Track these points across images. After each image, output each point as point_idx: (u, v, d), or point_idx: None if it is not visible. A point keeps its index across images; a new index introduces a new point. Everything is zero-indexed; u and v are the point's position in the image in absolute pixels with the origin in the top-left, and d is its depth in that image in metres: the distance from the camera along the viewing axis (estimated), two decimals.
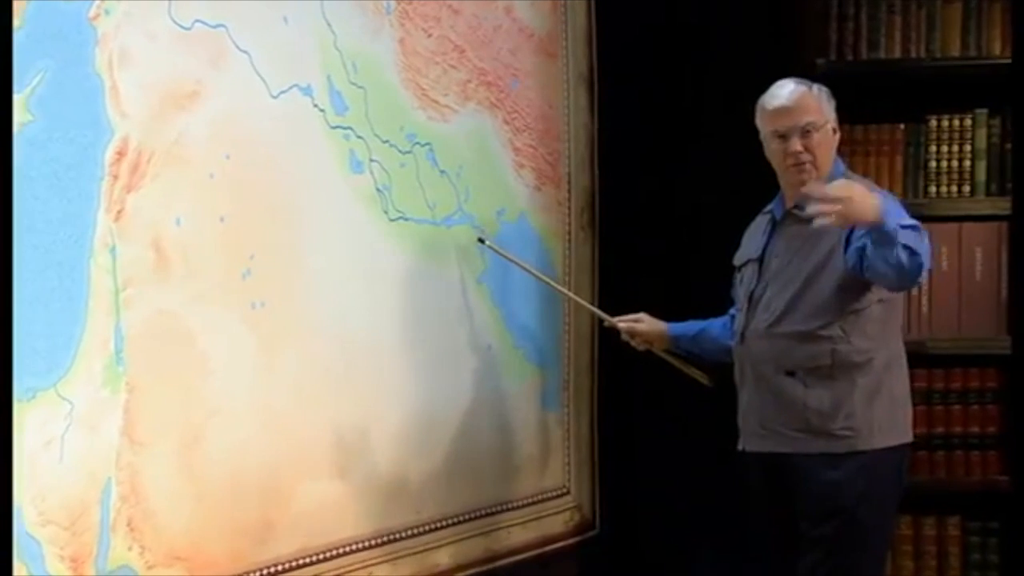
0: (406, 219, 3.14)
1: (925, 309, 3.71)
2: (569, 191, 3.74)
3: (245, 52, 2.70)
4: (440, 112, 3.23)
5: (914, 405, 3.15)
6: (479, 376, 3.39)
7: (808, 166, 3.00)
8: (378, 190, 3.06)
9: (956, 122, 3.72)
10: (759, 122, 3.07)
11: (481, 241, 3.24)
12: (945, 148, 3.73)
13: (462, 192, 3.30)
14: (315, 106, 2.88)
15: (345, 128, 2.96)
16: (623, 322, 3.30)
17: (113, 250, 2.41)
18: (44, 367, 2.28)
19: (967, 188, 3.72)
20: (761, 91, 3.11)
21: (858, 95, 3.52)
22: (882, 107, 3.74)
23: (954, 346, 3.70)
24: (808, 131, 2.98)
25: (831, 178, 2.97)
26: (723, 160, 3.23)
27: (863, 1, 3.72)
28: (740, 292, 3.11)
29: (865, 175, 3.38)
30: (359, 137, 3.01)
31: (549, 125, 3.66)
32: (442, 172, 3.24)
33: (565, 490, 3.74)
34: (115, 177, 2.42)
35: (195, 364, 2.59)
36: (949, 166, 3.72)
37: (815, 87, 3.04)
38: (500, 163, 3.47)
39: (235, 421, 2.67)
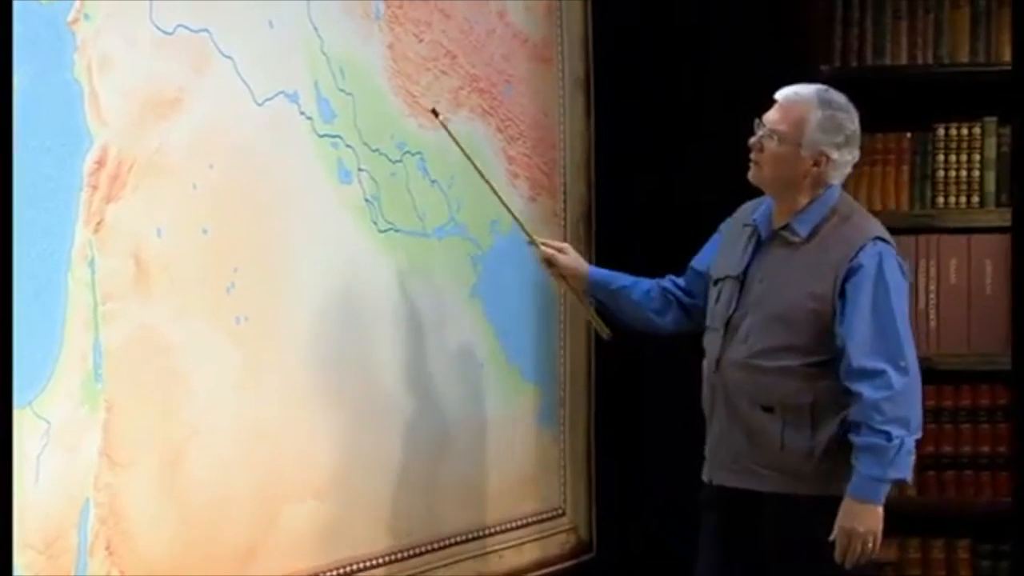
0: (396, 230, 3.14)
1: (933, 324, 3.71)
2: (564, 201, 3.75)
3: (229, 57, 2.70)
4: (431, 120, 3.23)
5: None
6: (471, 394, 3.39)
7: (754, 166, 2.94)
8: (367, 200, 3.06)
9: (964, 130, 3.73)
10: None
11: (435, 113, 3.05)
12: (953, 157, 3.73)
13: (454, 202, 3.30)
14: (302, 113, 2.88)
15: (333, 136, 2.96)
16: (547, 247, 3.13)
17: (92, 263, 2.41)
18: (20, 385, 2.27)
19: (976, 199, 3.73)
20: (763, 98, 3.11)
21: (863, 102, 3.52)
22: (888, 115, 3.74)
23: (963, 362, 3.71)
24: (771, 137, 2.91)
25: (811, 215, 2.91)
26: (722, 169, 3.22)
27: (868, 6, 3.73)
28: (716, 312, 3.00)
29: (853, 203, 3.32)
30: (347, 146, 3.01)
31: (544, 133, 3.67)
32: (433, 182, 3.24)
33: (561, 511, 3.73)
34: (94, 187, 2.42)
35: (176, 381, 2.58)
36: (957, 176, 3.73)
37: (823, 112, 2.90)
38: (494, 173, 3.47)
39: (218, 440, 2.67)
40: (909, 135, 3.76)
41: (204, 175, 2.64)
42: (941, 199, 3.74)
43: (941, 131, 3.74)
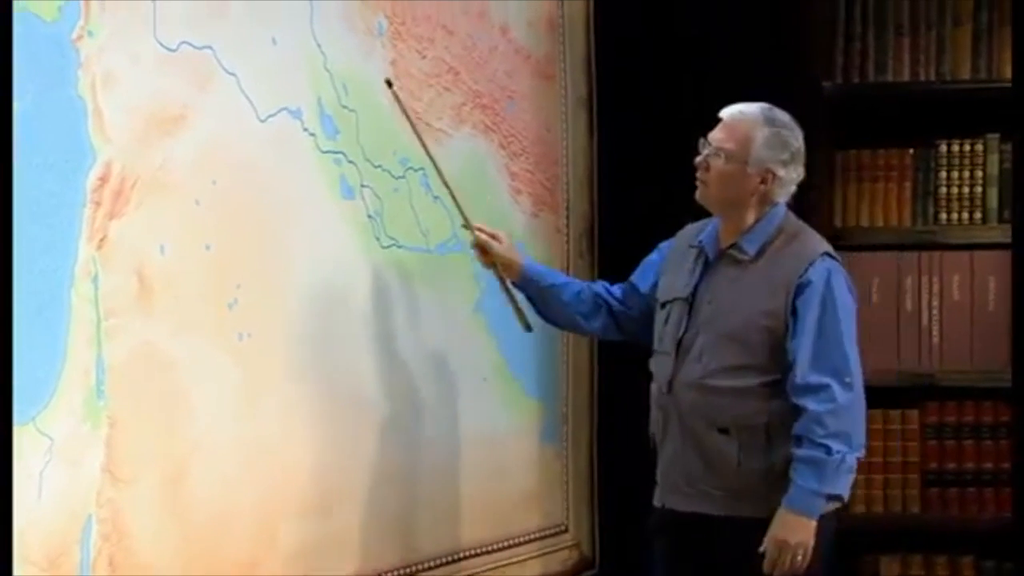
0: (399, 246, 3.15)
1: (936, 340, 3.72)
2: (567, 217, 3.75)
3: (232, 74, 2.71)
4: (434, 136, 3.24)
5: (924, 439, 3.15)
6: (474, 409, 3.39)
7: (701, 185, 2.94)
8: (370, 216, 3.07)
9: (967, 147, 3.74)
10: None
11: (388, 84, 2.99)
12: (955, 174, 3.74)
13: (457, 218, 3.31)
14: (305, 130, 2.89)
15: (336, 152, 2.97)
16: (481, 232, 3.08)
17: (95, 279, 2.42)
18: (22, 401, 2.28)
19: (979, 215, 3.74)
20: None
21: (866, 119, 3.54)
22: (890, 131, 3.76)
23: (966, 378, 3.71)
24: (718, 155, 2.91)
25: (759, 233, 2.91)
26: None
27: (871, 23, 3.74)
28: (665, 334, 2.98)
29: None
30: (350, 162, 3.02)
31: (547, 149, 3.68)
32: (436, 198, 3.25)
33: (563, 527, 3.73)
34: (97, 204, 2.43)
35: (179, 397, 2.59)
36: (960, 192, 3.74)
37: (769, 129, 2.91)
38: (496, 189, 3.48)
39: (220, 456, 2.67)
40: (911, 151, 3.77)
41: (207, 191, 2.65)
42: (944, 215, 3.75)
43: (943, 148, 3.75)
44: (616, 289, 3.17)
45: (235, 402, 2.71)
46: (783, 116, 2.96)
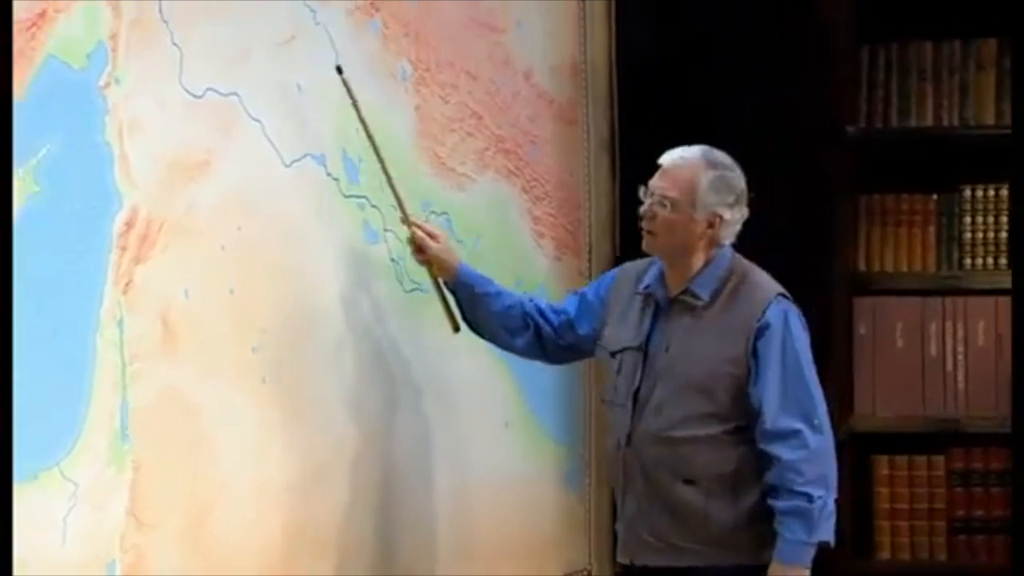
0: (422, 290, 3.16)
1: (961, 386, 3.71)
2: (590, 260, 3.77)
3: (257, 120, 2.74)
4: (457, 180, 3.27)
5: (951, 486, 3.13)
6: (496, 454, 3.39)
7: (648, 236, 2.89)
8: (393, 260, 3.09)
9: (991, 192, 3.74)
10: None
11: (339, 70, 2.87)
12: (980, 219, 3.74)
13: (480, 262, 3.32)
14: (328, 175, 2.92)
15: (359, 197, 2.99)
16: (419, 229, 2.98)
17: (121, 323, 2.44)
18: (47, 446, 2.30)
19: (1003, 260, 3.74)
20: (788, 160, 3.14)
21: (890, 163, 3.55)
22: (914, 176, 3.76)
23: (992, 424, 3.69)
24: (663, 204, 2.86)
25: (709, 277, 2.87)
26: (745, 232, 3.23)
27: (894, 69, 3.76)
28: (619, 385, 2.91)
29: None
30: (373, 206, 3.04)
31: (569, 193, 3.70)
32: (459, 242, 3.27)
33: (586, 572, 3.73)
34: (123, 248, 2.45)
35: (203, 441, 2.61)
36: (984, 237, 3.74)
37: (713, 172, 2.88)
38: (519, 233, 3.51)
39: (244, 501, 2.68)
40: (935, 197, 3.77)
41: (232, 236, 2.68)
42: (968, 261, 3.75)
43: (967, 193, 3.75)
44: (552, 314, 3.06)
45: (259, 445, 2.73)
46: (724, 157, 2.92)
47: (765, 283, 2.91)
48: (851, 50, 3.76)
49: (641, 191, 2.91)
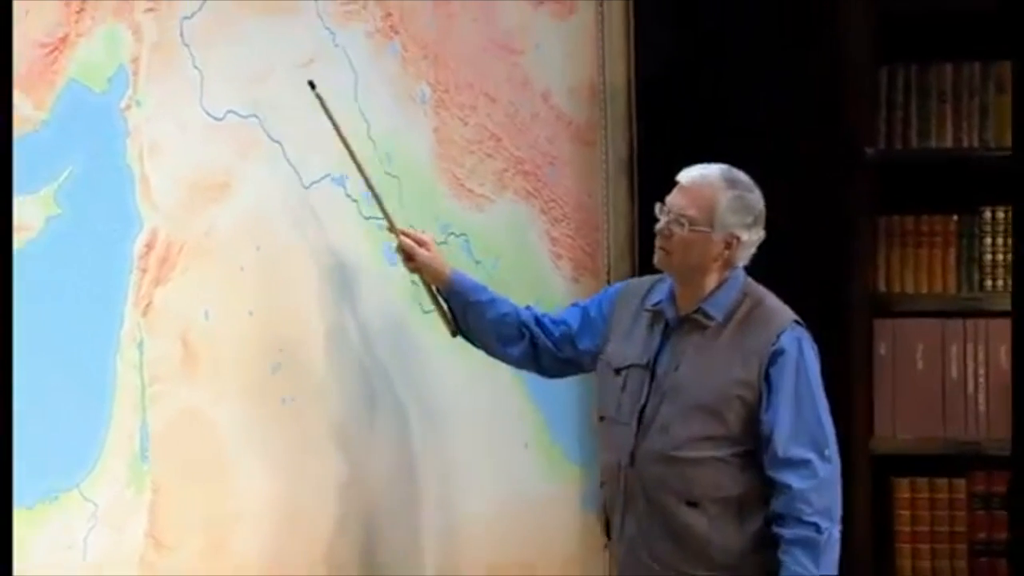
0: None
1: (982, 408, 3.70)
2: (608, 282, 3.77)
3: (277, 142, 2.76)
4: (476, 202, 3.29)
5: (972, 509, 3.11)
6: (515, 474, 3.40)
7: (662, 253, 2.85)
8: (412, 282, 3.10)
9: (1011, 213, 3.73)
10: None
11: (312, 85, 2.79)
12: (1000, 240, 3.74)
13: (498, 283, 3.33)
14: (348, 196, 2.94)
15: (379, 219, 3.01)
16: (407, 237, 2.92)
17: (140, 345, 2.46)
18: (68, 466, 2.32)
19: None
20: (807, 181, 3.13)
21: (909, 185, 3.55)
22: (934, 198, 3.76)
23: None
24: (680, 223, 2.82)
25: (722, 298, 2.83)
26: (765, 253, 3.23)
27: (913, 91, 3.76)
28: (623, 403, 2.85)
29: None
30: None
31: (588, 214, 3.71)
32: (477, 263, 3.29)
33: None
34: (144, 270, 2.48)
35: (222, 462, 2.62)
36: (1005, 259, 3.73)
37: (732, 192, 2.83)
38: (537, 254, 3.52)
39: (263, 522, 2.69)
40: (955, 218, 3.77)
41: (251, 257, 2.70)
42: (989, 282, 3.74)
43: (988, 214, 3.75)
44: (551, 326, 2.99)
45: (277, 467, 2.74)
46: (743, 177, 2.88)
47: (780, 309, 2.88)
48: (870, 72, 3.77)
49: (657, 208, 2.87)
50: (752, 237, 2.86)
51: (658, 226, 2.86)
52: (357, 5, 2.96)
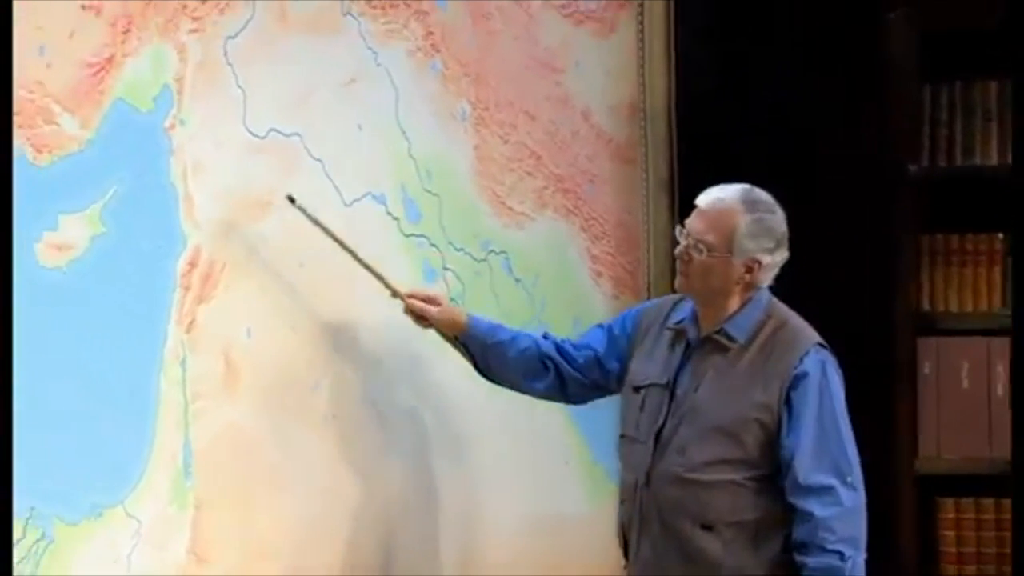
0: None
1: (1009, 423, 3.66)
2: (648, 300, 3.78)
3: (318, 160, 2.79)
4: (516, 220, 3.30)
5: (999, 530, 3.05)
6: (556, 492, 3.40)
7: (682, 278, 2.80)
8: (452, 299, 3.11)
9: None
10: None
11: (291, 200, 2.75)
12: None
13: (538, 302, 3.35)
14: (388, 214, 2.96)
15: (419, 236, 3.03)
16: (415, 300, 2.88)
17: (184, 362, 2.49)
18: (112, 483, 2.34)
19: None
20: (849, 200, 3.12)
21: (953, 202, 3.53)
22: (979, 215, 3.74)
23: None
24: (699, 249, 2.76)
25: (745, 319, 2.79)
26: (804, 270, 3.21)
27: (958, 108, 3.74)
28: (641, 422, 2.81)
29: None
30: (432, 245, 3.08)
31: (628, 232, 3.72)
32: (517, 281, 3.30)
33: None
34: (187, 288, 2.51)
35: (264, 479, 2.64)
36: None
37: (751, 216, 2.77)
38: (577, 271, 3.52)
39: (305, 540, 2.71)
40: (1001, 236, 3.75)
41: (293, 275, 2.72)
42: None
43: None
44: (574, 351, 2.96)
45: (321, 484, 2.76)
46: (764, 197, 2.81)
47: (804, 331, 2.82)
48: (914, 89, 3.76)
49: (678, 231, 2.84)
50: (774, 259, 2.81)
51: (677, 250, 2.82)
52: (399, 24, 2.99)
